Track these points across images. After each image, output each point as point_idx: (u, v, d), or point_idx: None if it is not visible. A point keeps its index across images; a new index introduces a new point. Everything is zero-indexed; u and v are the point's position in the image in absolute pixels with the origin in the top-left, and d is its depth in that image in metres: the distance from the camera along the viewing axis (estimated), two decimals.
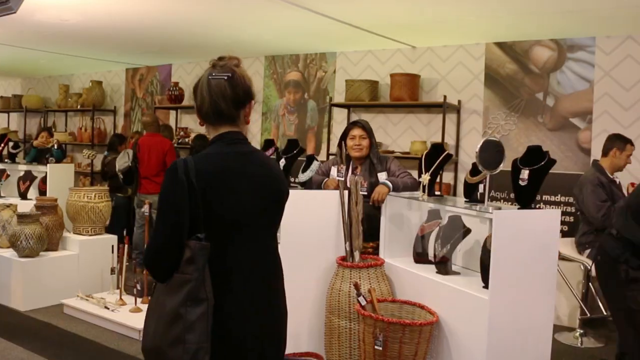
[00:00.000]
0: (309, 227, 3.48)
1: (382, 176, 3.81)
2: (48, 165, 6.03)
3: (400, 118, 6.10)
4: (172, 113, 7.92)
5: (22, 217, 4.85)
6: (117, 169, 5.98)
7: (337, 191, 3.54)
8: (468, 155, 5.61)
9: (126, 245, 4.88)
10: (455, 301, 2.99)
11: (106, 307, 4.58)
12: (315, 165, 3.55)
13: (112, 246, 5.07)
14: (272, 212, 1.86)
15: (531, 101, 5.39)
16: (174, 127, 7.71)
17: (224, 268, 1.70)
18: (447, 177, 5.71)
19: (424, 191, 3.53)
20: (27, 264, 4.83)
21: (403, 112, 6.09)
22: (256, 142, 7.13)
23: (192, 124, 7.67)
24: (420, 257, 3.53)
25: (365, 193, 3.65)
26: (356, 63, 6.41)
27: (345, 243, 3.47)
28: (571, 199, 5.02)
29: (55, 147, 6.41)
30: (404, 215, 3.68)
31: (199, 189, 1.65)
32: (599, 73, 5.07)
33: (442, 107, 5.70)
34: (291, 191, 3.49)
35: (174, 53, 7.48)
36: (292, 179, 4.17)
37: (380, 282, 3.36)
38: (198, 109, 1.81)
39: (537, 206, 4.77)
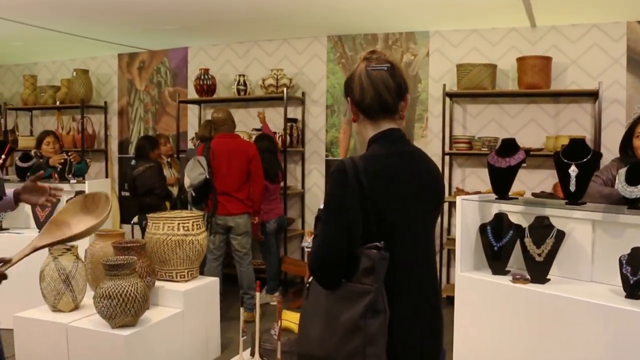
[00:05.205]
0: None
1: None
2: (86, 182, 4.39)
3: (519, 109, 5.22)
4: (193, 108, 6.38)
5: (115, 269, 3.29)
6: (187, 185, 4.49)
7: None
8: (610, 152, 4.83)
9: (257, 289, 3.50)
10: None
11: None
12: None
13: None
14: (433, 215, 1.79)
15: None
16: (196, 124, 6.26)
17: (391, 274, 1.62)
18: None
19: None
20: (131, 338, 3.25)
21: (523, 103, 5.20)
22: (319, 140, 5.89)
23: None
24: None
25: None
26: (457, 45, 5.40)
27: None
28: None
29: (72, 160, 4.76)
30: None
31: (369, 192, 1.59)
32: None
33: (574, 97, 4.99)
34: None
35: (192, 33, 5.98)
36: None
37: None
38: (357, 104, 1.72)
39: None
